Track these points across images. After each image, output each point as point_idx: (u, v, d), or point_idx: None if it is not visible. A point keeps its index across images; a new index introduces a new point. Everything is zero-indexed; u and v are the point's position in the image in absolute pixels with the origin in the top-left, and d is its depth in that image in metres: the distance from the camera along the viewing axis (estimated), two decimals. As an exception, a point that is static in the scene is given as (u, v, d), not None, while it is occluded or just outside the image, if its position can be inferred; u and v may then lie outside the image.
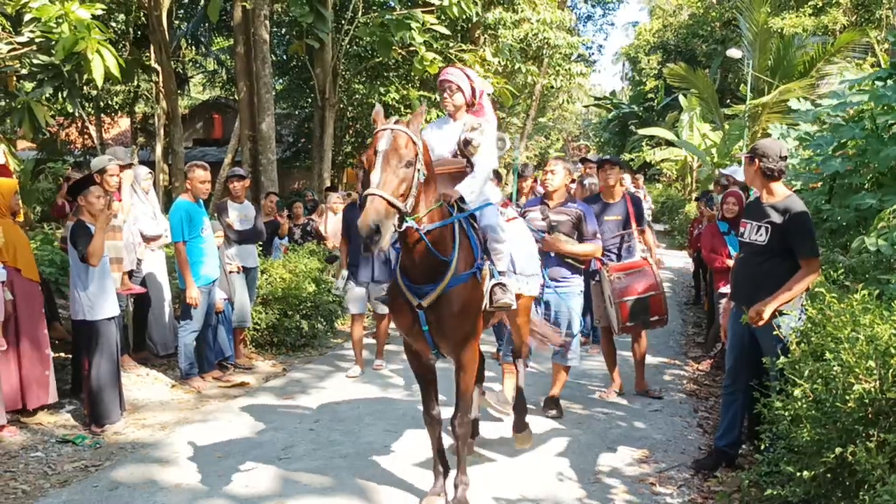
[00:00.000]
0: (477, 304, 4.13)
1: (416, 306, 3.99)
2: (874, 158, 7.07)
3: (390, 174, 3.56)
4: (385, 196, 3.49)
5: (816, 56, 19.77)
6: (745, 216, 4.77)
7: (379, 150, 3.61)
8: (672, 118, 26.66)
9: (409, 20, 11.86)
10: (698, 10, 35.61)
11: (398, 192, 3.57)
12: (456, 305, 3.99)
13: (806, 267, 4.36)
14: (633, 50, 43.92)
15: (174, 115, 12.28)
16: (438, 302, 3.96)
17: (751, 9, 20.87)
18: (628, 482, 4.68)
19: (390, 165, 3.57)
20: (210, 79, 27.00)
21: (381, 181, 3.54)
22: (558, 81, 21.17)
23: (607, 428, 5.79)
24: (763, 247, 4.46)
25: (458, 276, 3.98)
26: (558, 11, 19.00)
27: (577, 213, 5.87)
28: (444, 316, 3.98)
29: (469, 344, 4.15)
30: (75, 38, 6.20)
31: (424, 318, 4.00)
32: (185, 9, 20.18)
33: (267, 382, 7.32)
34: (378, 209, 3.45)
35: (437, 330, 4.03)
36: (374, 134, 3.74)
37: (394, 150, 3.60)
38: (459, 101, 4.52)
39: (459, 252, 4.01)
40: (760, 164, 4.52)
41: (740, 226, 4.67)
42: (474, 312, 4.12)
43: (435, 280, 3.95)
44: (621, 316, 6.15)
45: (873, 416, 3.37)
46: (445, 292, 3.95)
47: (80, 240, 5.57)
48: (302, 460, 5.10)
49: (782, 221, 4.41)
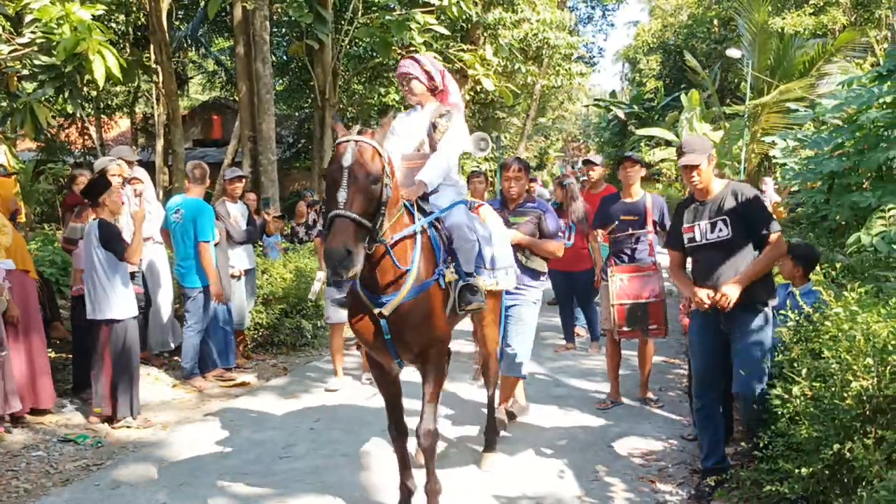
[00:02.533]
0: (440, 309, 3.93)
1: (378, 315, 3.75)
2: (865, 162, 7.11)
3: (357, 192, 3.28)
4: (355, 217, 3.23)
5: (816, 56, 19.78)
6: (685, 221, 4.44)
7: (344, 165, 3.30)
8: (672, 118, 26.65)
9: (408, 21, 11.91)
10: (697, 11, 35.64)
11: (367, 211, 3.31)
12: (417, 313, 3.78)
13: (774, 243, 4.23)
14: (633, 51, 43.94)
15: (174, 116, 12.31)
16: (400, 311, 3.73)
17: (749, 9, 20.89)
18: (628, 480, 4.69)
19: (357, 182, 3.29)
20: (210, 79, 27.01)
21: (349, 200, 3.24)
22: (558, 81, 21.20)
23: (607, 426, 5.81)
24: (729, 241, 4.24)
25: (419, 283, 3.77)
26: (558, 12, 19.02)
27: (538, 213, 5.54)
28: (405, 324, 3.76)
29: (434, 352, 3.95)
30: (76, 39, 6.22)
31: (387, 327, 3.78)
32: (185, 9, 20.20)
33: (268, 382, 7.34)
34: (347, 232, 3.18)
35: (400, 339, 3.81)
36: (335, 146, 3.47)
37: (359, 165, 3.31)
38: (419, 89, 4.41)
39: (421, 259, 3.81)
40: (713, 161, 4.38)
41: (685, 232, 4.39)
42: (437, 319, 3.91)
43: (395, 289, 3.72)
44: (617, 318, 5.91)
45: (871, 413, 3.39)
46: (407, 300, 3.73)
47: (113, 239, 5.70)
48: (303, 459, 5.12)
49: (738, 206, 4.25)
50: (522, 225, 5.45)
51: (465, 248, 4.10)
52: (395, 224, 3.66)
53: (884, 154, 7.11)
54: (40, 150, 18.19)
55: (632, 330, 5.97)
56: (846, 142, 8.33)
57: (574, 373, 7.45)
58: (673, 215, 4.81)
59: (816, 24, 25.15)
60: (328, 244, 3.18)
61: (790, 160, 11.52)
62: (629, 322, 5.91)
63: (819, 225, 8.71)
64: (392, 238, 3.62)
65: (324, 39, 12.64)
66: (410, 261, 3.76)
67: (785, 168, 11.72)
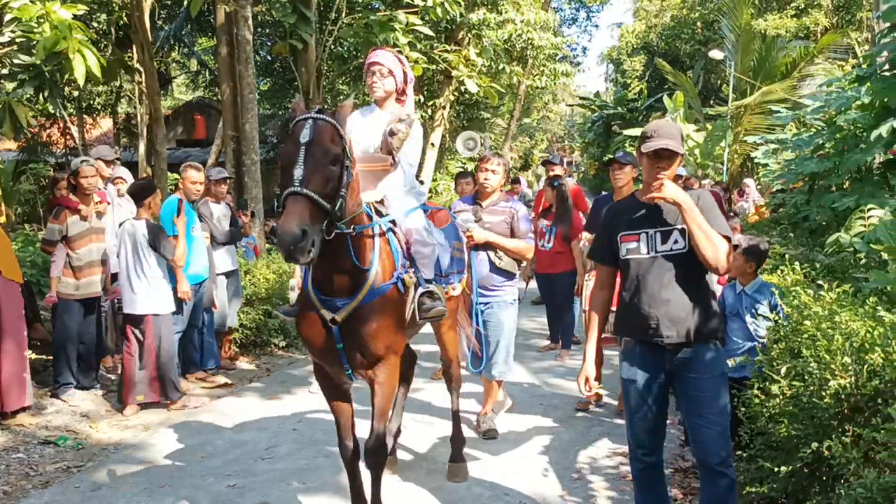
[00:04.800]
0: (398, 316, 3.71)
1: (330, 321, 3.49)
2: (845, 163, 7.18)
3: (315, 170, 2.99)
4: (312, 195, 2.93)
5: (798, 58, 19.95)
6: (622, 226, 3.45)
7: (301, 142, 3.02)
8: (655, 119, 26.77)
9: (392, 21, 11.90)
10: (681, 13, 35.83)
11: (325, 191, 3.01)
12: (374, 320, 3.53)
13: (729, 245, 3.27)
14: (616, 52, 44.11)
15: (157, 116, 12.22)
16: (354, 316, 3.49)
17: (733, 10, 21.04)
18: (610, 479, 4.71)
19: (314, 159, 3.00)
20: (193, 79, 26.89)
21: (305, 177, 2.95)
22: (543, 81, 21.27)
23: (589, 426, 5.83)
24: (682, 254, 3.29)
25: (377, 287, 3.53)
26: (542, 13, 19.09)
27: (511, 212, 5.38)
28: (360, 331, 3.51)
29: (388, 361, 3.67)
30: (56, 38, 6.19)
31: (339, 335, 3.53)
32: (167, 9, 20.09)
33: (251, 383, 7.31)
34: (303, 211, 2.89)
35: (353, 347, 3.55)
36: (293, 124, 3.14)
37: (318, 143, 3.03)
38: (390, 87, 4.13)
39: (379, 260, 3.59)
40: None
41: (623, 241, 3.41)
42: (395, 326, 3.67)
43: (351, 292, 3.48)
44: None
45: (849, 412, 3.43)
46: (362, 305, 3.49)
47: (162, 240, 6.12)
48: (285, 460, 5.11)
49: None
50: (495, 224, 5.34)
51: (424, 252, 3.93)
52: (356, 218, 3.41)
53: (862, 156, 7.19)
54: (21, 149, 18.03)
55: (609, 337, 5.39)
56: (826, 143, 8.41)
57: (558, 372, 7.48)
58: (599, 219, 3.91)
59: (799, 26, 25.40)
60: (281, 224, 2.86)
61: (772, 161, 11.63)
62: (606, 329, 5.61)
63: (800, 225, 8.78)
64: (354, 229, 3.37)
65: (307, 40, 12.60)
66: (370, 261, 3.53)
67: (767, 169, 11.83)
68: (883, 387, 3.28)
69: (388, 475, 4.39)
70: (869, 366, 3.35)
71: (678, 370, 3.32)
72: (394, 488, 4.54)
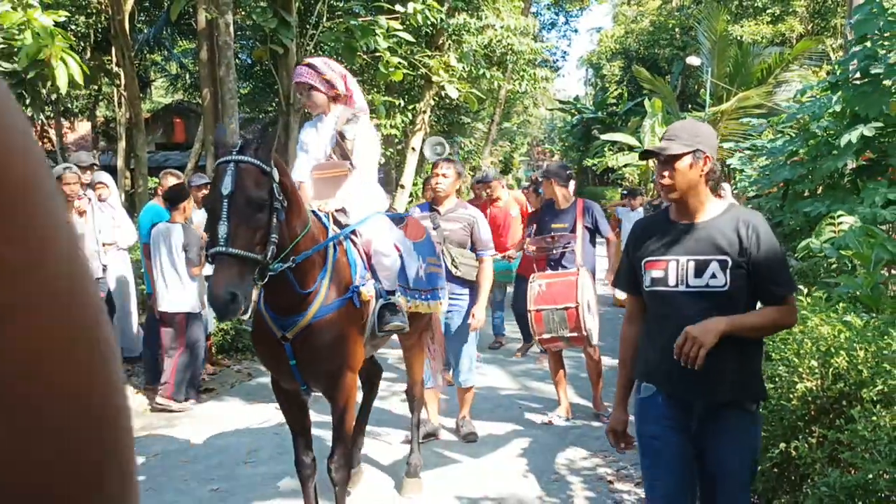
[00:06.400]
0: (353, 331, 3.61)
1: (281, 338, 3.46)
2: (818, 170, 7.34)
3: (240, 224, 2.91)
4: (238, 253, 2.89)
5: (774, 64, 20.26)
6: (649, 250, 2.86)
7: (223, 194, 2.91)
8: (634, 123, 27.04)
9: (373, 26, 11.97)
10: (659, 18, 36.18)
11: (253, 242, 2.95)
12: (326, 336, 3.45)
13: (787, 310, 2.75)
14: (596, 56, 44.42)
15: (138, 121, 12.21)
16: (305, 333, 3.43)
17: (710, 17, 21.32)
18: (588, 480, 4.82)
19: (239, 212, 2.91)
20: (173, 82, 26.79)
21: (231, 234, 2.89)
22: (523, 86, 21.41)
23: (566, 429, 5.93)
24: (722, 294, 2.68)
25: (329, 303, 3.45)
26: (522, 18, 19.22)
27: (471, 220, 5.33)
28: (312, 348, 3.45)
29: (343, 377, 3.60)
30: (39, 46, 6.21)
31: (291, 352, 3.47)
32: (147, 11, 20.03)
33: (232, 388, 7.35)
34: (230, 274, 2.86)
35: (305, 364, 3.50)
36: (215, 166, 3.04)
37: (241, 192, 2.92)
38: (319, 100, 3.94)
39: (331, 277, 3.50)
40: (707, 163, 2.79)
41: (648, 268, 2.82)
42: (349, 342, 3.59)
43: (301, 309, 3.41)
44: (535, 325, 5.54)
45: (815, 413, 3.56)
46: (312, 322, 3.42)
47: (195, 244, 6.41)
48: (267, 464, 5.16)
49: (747, 246, 2.68)
50: (454, 231, 5.32)
51: (384, 263, 3.79)
52: (301, 243, 3.29)
53: (834, 162, 7.35)
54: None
55: (551, 338, 5.57)
56: (800, 150, 8.58)
57: (536, 375, 7.57)
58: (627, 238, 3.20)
59: (774, 33, 25.75)
60: (211, 288, 2.87)
61: (747, 167, 11.82)
62: (547, 329, 5.51)
63: (774, 230, 8.93)
64: (293, 261, 3.25)
65: (288, 44, 12.64)
66: (316, 280, 3.44)
67: (742, 174, 12.02)
68: (847, 389, 3.41)
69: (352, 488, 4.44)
70: (834, 369, 3.48)
71: (702, 434, 2.77)
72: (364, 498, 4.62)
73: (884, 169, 7.52)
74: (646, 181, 28.60)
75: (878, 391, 3.18)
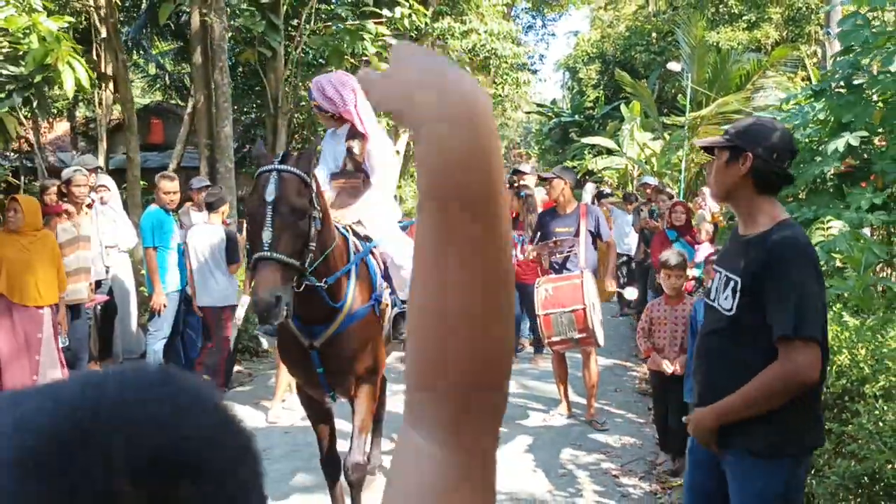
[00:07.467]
0: (377, 338, 3.76)
1: (308, 346, 3.56)
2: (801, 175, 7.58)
3: (283, 230, 3.02)
4: (282, 258, 3.00)
5: (752, 70, 20.64)
6: (717, 261, 2.72)
7: (267, 200, 3.02)
8: (613, 127, 27.37)
9: (361, 31, 12.10)
10: (635, 23, 36.62)
11: (294, 249, 3.07)
12: (352, 344, 3.59)
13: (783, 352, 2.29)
14: (573, 60, 44.78)
15: (130, 124, 12.23)
16: (332, 342, 3.54)
17: (688, 23, 21.67)
18: (594, 474, 5.01)
19: (282, 219, 3.02)
20: (151, 83, 26.61)
21: (274, 240, 3.00)
22: (505, 90, 21.63)
23: (569, 425, 6.12)
24: (728, 319, 2.44)
25: (353, 313, 3.57)
26: (504, 22, 19.44)
27: None
28: (339, 356, 3.57)
29: (368, 381, 3.74)
30: (45, 50, 6.26)
31: (318, 359, 3.58)
32: (125, 11, 19.94)
33: (239, 387, 7.44)
34: (274, 278, 2.97)
35: (333, 371, 3.62)
36: (257, 175, 3.15)
37: (284, 200, 3.03)
38: (325, 118, 4.06)
39: (356, 288, 3.62)
40: (754, 162, 2.42)
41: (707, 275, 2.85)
42: (373, 348, 3.73)
43: (328, 319, 3.51)
44: (544, 329, 5.73)
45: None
46: (339, 332, 3.54)
47: (236, 246, 6.85)
48: (281, 462, 5.27)
49: (759, 269, 2.36)
50: None
51: (401, 275, 3.90)
52: (331, 257, 3.41)
53: (819, 167, 7.60)
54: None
55: (561, 340, 5.74)
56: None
57: (533, 374, 7.76)
58: None
59: (750, 39, 26.20)
60: (254, 292, 3.00)
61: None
62: (556, 332, 5.69)
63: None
64: (325, 282, 3.39)
65: (276, 47, 12.73)
66: (344, 295, 3.57)
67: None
68: (849, 385, 3.61)
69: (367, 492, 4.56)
70: (837, 366, 3.68)
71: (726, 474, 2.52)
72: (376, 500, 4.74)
73: (866, 175, 7.78)
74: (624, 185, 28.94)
75: (881, 387, 3.39)
